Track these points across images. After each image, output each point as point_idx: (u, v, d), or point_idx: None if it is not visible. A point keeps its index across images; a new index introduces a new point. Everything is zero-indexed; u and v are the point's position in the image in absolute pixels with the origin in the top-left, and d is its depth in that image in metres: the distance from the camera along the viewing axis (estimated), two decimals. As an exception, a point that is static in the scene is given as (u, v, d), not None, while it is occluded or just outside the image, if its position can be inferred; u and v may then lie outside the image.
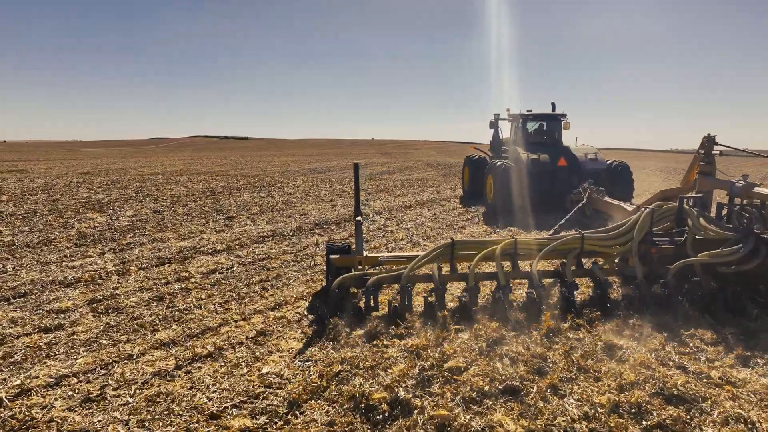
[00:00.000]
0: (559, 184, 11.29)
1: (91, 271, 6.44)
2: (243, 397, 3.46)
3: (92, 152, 60.98)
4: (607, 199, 9.07)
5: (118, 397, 3.49)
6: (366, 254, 5.42)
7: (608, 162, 11.97)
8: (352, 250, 5.50)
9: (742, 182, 5.87)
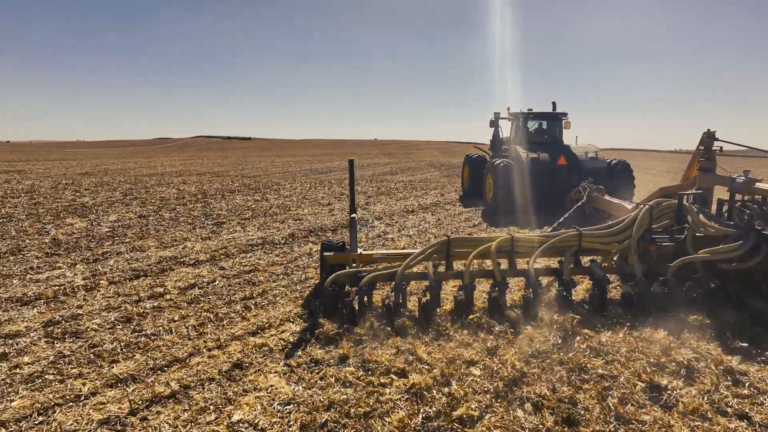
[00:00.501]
0: (559, 183, 11.16)
1: (56, 285, 5.77)
2: (204, 458, 2.80)
3: (94, 152, 60.58)
4: (607, 197, 8.88)
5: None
6: (360, 251, 5.40)
7: (608, 161, 11.87)
8: (347, 247, 5.51)
9: (743, 178, 5.75)
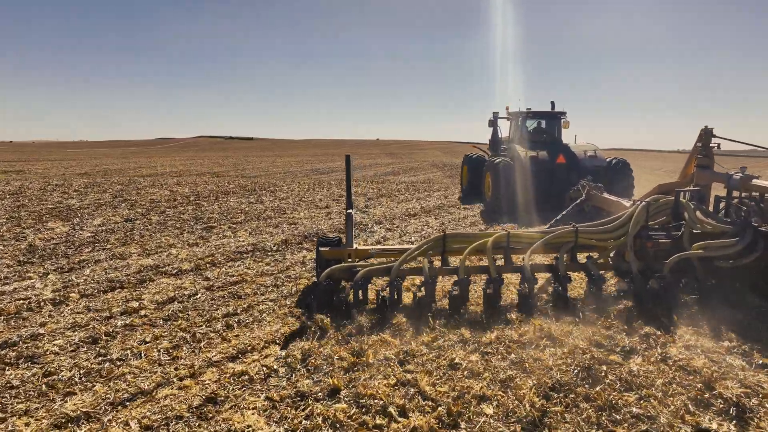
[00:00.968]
0: (558, 181, 11.10)
1: (20, 299, 5.24)
2: None
3: (95, 152, 60.31)
4: (605, 195, 8.76)
5: None
6: (356, 247, 5.39)
7: (608, 159, 11.79)
8: (343, 243, 5.52)
9: (740, 175, 5.70)
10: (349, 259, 5.27)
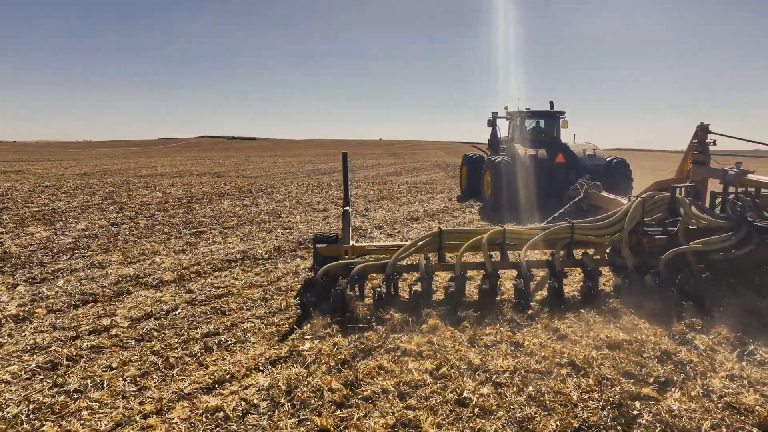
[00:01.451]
0: (557, 180, 11.09)
1: (-20, 315, 4.74)
2: None
3: (97, 152, 60.12)
4: (604, 193, 8.70)
5: None
6: (353, 243, 5.40)
7: (607, 159, 11.82)
8: (340, 240, 5.51)
9: (735, 170, 5.76)
10: (346, 256, 5.27)
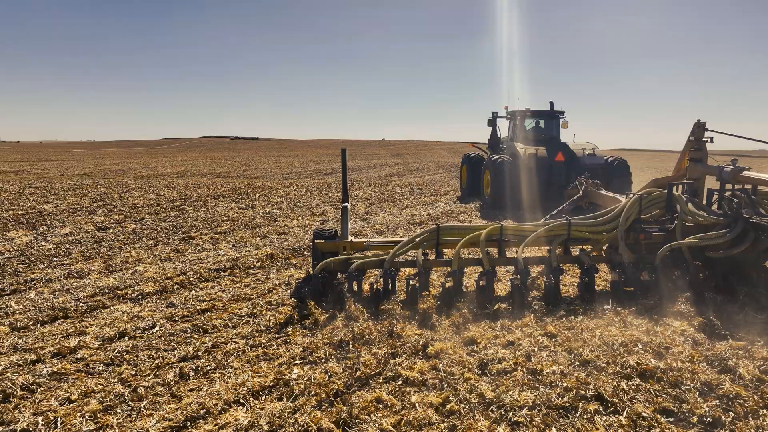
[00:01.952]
0: (557, 179, 11.18)
1: (-65, 334, 4.27)
2: None
3: (101, 153, 60.02)
4: (603, 191, 8.59)
5: None
6: (351, 239, 5.50)
7: (606, 158, 11.88)
8: (339, 236, 5.57)
9: (731, 167, 5.81)
10: (345, 252, 5.33)
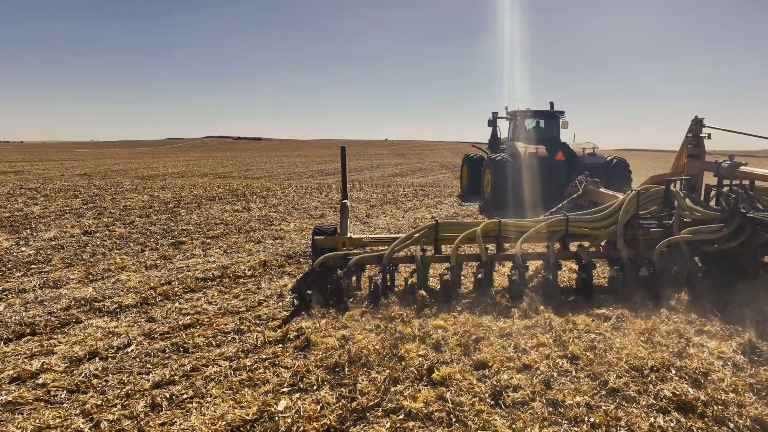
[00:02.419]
0: (557, 178, 11.21)
1: None
2: None
3: (103, 153, 59.83)
4: (602, 189, 8.54)
5: None
6: (351, 235, 5.52)
7: (606, 158, 11.93)
8: (338, 232, 5.63)
9: (728, 162, 5.86)
10: (344, 248, 5.35)
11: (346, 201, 5.76)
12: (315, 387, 3.35)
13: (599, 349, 3.83)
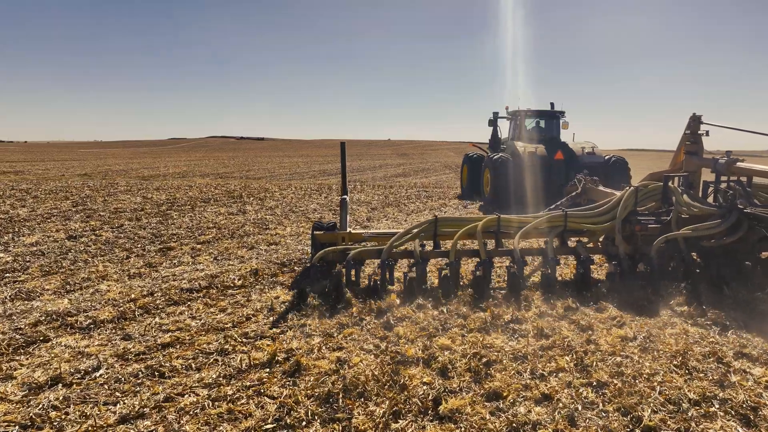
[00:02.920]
0: (557, 177, 11.21)
1: None
2: None
3: (105, 153, 59.60)
4: (601, 187, 8.43)
5: None
6: (350, 230, 5.56)
7: (606, 157, 11.94)
8: (338, 227, 5.59)
9: (726, 158, 5.87)
10: (344, 243, 5.33)
11: (345, 196, 5.82)
12: (304, 423, 2.91)
13: (627, 375, 3.38)
